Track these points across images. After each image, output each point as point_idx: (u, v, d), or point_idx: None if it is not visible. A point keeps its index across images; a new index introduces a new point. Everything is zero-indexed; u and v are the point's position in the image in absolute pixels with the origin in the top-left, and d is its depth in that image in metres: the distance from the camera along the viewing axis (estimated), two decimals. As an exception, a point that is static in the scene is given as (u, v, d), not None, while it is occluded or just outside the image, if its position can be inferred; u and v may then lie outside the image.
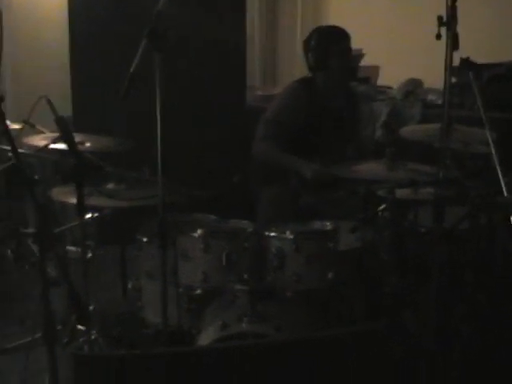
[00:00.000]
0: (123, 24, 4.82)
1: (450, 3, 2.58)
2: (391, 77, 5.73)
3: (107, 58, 4.92)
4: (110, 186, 3.34)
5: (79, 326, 3.49)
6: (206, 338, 2.93)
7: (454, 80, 4.50)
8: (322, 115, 4.04)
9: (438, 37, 2.57)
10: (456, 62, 2.78)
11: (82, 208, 2.90)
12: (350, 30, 4.18)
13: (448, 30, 2.58)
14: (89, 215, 3.45)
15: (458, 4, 2.61)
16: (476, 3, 5.44)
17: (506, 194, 2.55)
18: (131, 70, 2.56)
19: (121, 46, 4.04)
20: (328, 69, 4.03)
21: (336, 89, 4.15)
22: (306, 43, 4.08)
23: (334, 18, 6.56)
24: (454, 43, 2.58)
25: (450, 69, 2.64)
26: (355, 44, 5.90)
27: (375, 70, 6.01)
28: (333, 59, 4.00)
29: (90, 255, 3.51)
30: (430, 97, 5.08)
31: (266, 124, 4.06)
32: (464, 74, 3.04)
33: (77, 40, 5.03)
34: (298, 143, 3.98)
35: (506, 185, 2.57)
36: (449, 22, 2.58)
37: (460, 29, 2.63)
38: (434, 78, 2.93)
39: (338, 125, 4.08)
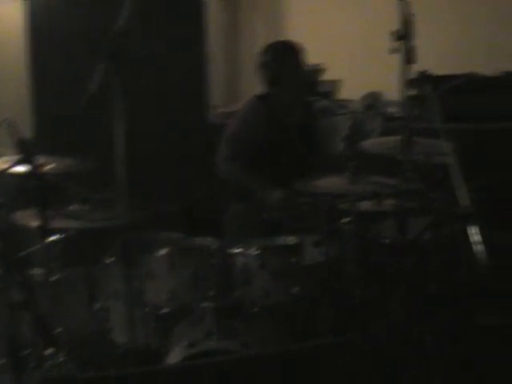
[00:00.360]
0: (86, 40, 4.82)
1: (405, 18, 2.62)
2: (352, 91, 5.77)
3: (69, 76, 4.90)
4: (74, 207, 3.32)
5: (47, 350, 3.47)
6: (174, 357, 2.92)
7: (413, 92, 4.59)
8: (280, 130, 4.06)
9: (394, 51, 2.61)
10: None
11: (45, 231, 2.89)
12: (309, 45, 4.21)
13: (404, 43, 2.62)
14: (53, 237, 3.43)
15: (419, 16, 2.66)
16: (436, 16, 5.52)
17: (465, 204, 2.58)
18: (90, 90, 2.55)
19: (83, 62, 4.03)
20: (282, 84, 4.05)
21: (292, 104, 4.15)
22: (260, 59, 4.09)
23: (293, 35, 6.58)
24: (410, 56, 2.62)
25: (405, 82, 2.67)
26: (315, 59, 5.95)
27: (336, 84, 6.04)
28: (286, 74, 4.01)
29: (55, 277, 3.49)
30: (390, 109, 5.10)
31: (227, 143, 4.07)
32: (423, 86, 3.08)
33: (36, 59, 5.01)
34: (259, 159, 4.00)
35: (464, 195, 2.60)
36: (404, 36, 2.62)
37: (422, 41, 2.66)
38: (393, 90, 2.98)
39: (298, 140, 4.09)
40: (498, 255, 2.45)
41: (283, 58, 4.02)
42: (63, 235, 3.47)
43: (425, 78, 3.05)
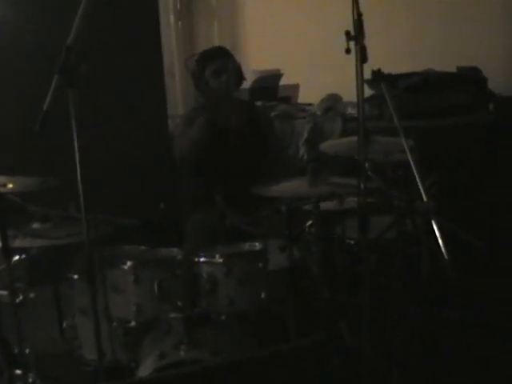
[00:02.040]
0: (37, 60, 4.79)
1: (356, 17, 2.63)
2: (311, 94, 5.80)
3: (22, 94, 4.87)
4: (36, 225, 3.30)
5: (15, 371, 3.43)
6: (145, 370, 2.92)
7: (371, 92, 4.62)
8: (220, 137, 4.08)
9: (348, 51, 2.61)
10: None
11: (8, 251, 2.86)
12: (267, 51, 4.23)
13: (356, 44, 2.63)
14: (16, 257, 3.40)
15: (377, 15, 2.68)
16: (393, 15, 5.57)
17: (425, 199, 2.60)
18: (44, 107, 2.53)
19: (37, 81, 4.02)
20: (207, 90, 4.11)
21: (226, 109, 4.16)
22: (188, 66, 4.14)
23: (250, 41, 6.62)
24: (362, 56, 2.63)
25: (361, 82, 2.68)
26: (273, 65, 5.99)
27: (295, 88, 6.07)
28: (209, 79, 4.06)
29: (20, 298, 3.45)
30: (350, 110, 5.13)
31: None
32: (378, 85, 3.09)
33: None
34: (207, 168, 4.05)
35: (425, 190, 2.61)
36: (356, 36, 2.63)
37: (376, 40, 2.69)
38: (352, 91, 2.98)
39: (241, 145, 4.10)
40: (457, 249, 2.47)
41: (203, 65, 4.06)
42: (26, 254, 3.43)
43: (379, 77, 3.06)
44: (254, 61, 4.27)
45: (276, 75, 5.93)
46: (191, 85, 4.28)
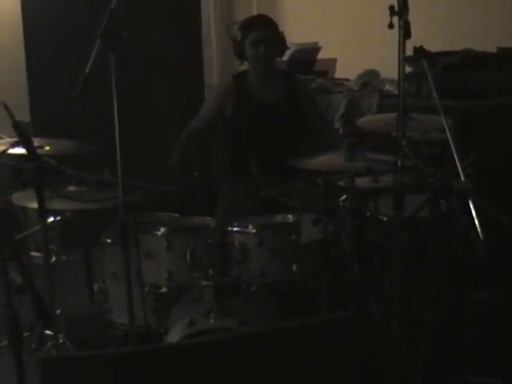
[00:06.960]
0: (79, 25, 4.80)
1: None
2: (348, 69, 5.76)
3: (64, 61, 4.89)
4: (71, 188, 3.32)
5: (47, 331, 3.48)
6: (173, 336, 2.94)
7: (409, 69, 4.58)
8: (252, 107, 4.07)
9: (391, 26, 2.60)
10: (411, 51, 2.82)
11: (43, 212, 2.89)
12: (306, 24, 4.19)
13: (399, 19, 2.61)
14: (51, 219, 3.43)
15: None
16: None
17: (463, 178, 2.58)
18: (86, 70, 2.54)
19: (78, 47, 4.03)
20: (248, 58, 4.05)
21: (265, 79, 4.12)
22: (231, 34, 4.12)
23: (289, 14, 6.58)
24: (405, 32, 2.60)
25: (403, 57, 2.66)
26: (311, 38, 5.95)
27: (332, 62, 6.03)
28: (248, 49, 3.99)
29: (53, 259, 3.50)
30: (387, 87, 5.08)
31: (194, 119, 4.13)
32: (419, 63, 3.06)
33: (32, 43, 5.00)
34: (238, 138, 4.07)
35: (462, 170, 2.60)
36: (400, 11, 2.61)
37: (416, 18, 2.65)
38: (390, 68, 2.96)
39: (277, 118, 4.05)
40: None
41: (244, 33, 4.00)
42: (61, 216, 3.47)
43: (421, 54, 3.03)
44: (293, 33, 4.23)
45: (314, 48, 5.90)
46: (227, 53, 4.26)
